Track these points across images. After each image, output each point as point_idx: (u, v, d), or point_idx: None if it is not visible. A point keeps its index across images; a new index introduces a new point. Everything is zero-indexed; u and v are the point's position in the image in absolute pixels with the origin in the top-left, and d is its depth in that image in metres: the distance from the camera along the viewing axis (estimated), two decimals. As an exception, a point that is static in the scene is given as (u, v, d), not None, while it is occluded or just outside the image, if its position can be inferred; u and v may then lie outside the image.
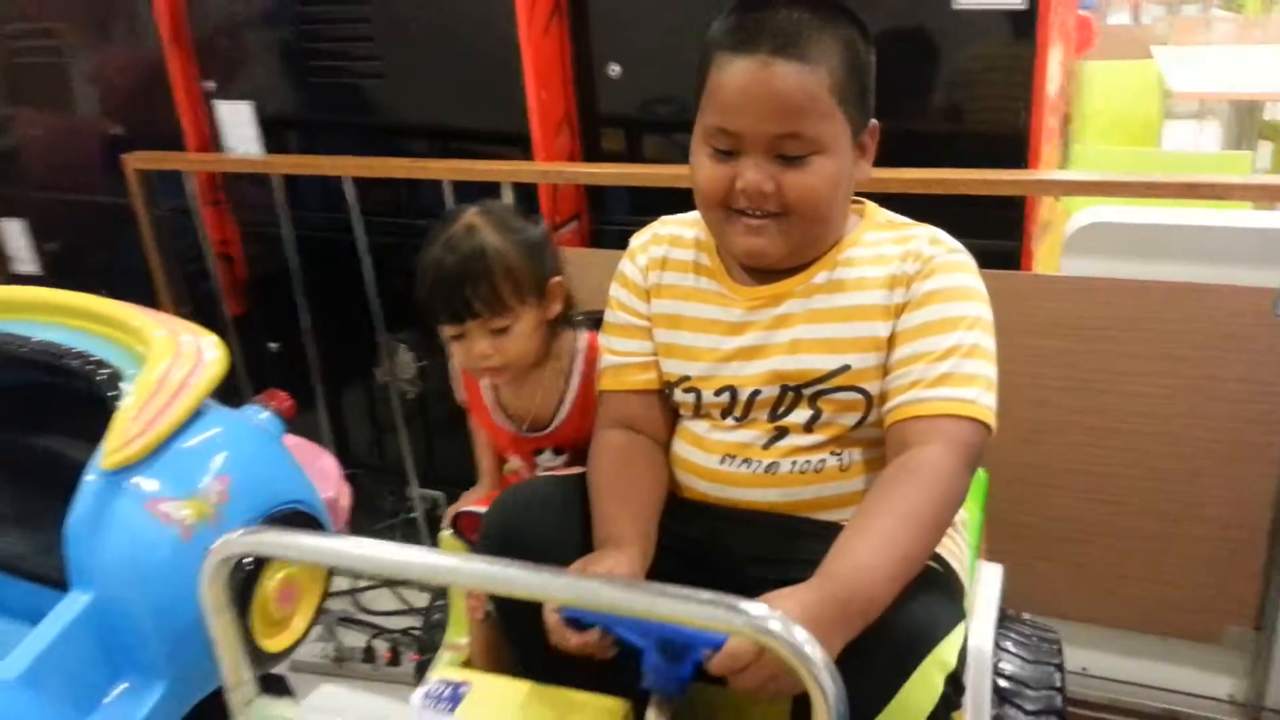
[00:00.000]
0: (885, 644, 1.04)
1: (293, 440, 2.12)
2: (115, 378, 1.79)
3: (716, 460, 1.27)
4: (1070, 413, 1.89)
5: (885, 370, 1.21)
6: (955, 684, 1.07)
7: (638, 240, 1.41)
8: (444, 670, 1.21)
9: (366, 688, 1.89)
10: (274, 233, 2.54)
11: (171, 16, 2.54)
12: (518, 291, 1.50)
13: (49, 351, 1.84)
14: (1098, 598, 1.99)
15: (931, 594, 1.10)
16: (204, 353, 1.85)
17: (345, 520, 2.16)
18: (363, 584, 2.70)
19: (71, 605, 1.65)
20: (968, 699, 1.38)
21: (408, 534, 2.64)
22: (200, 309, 2.71)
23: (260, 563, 1.84)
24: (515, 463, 1.73)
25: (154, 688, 1.70)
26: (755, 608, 0.82)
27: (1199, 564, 1.87)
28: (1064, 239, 1.88)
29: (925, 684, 1.04)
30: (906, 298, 1.21)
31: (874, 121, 1.25)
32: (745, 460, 1.25)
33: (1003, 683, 1.48)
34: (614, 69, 2.19)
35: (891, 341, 1.21)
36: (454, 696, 1.13)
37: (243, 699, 1.06)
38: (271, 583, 1.87)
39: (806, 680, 0.80)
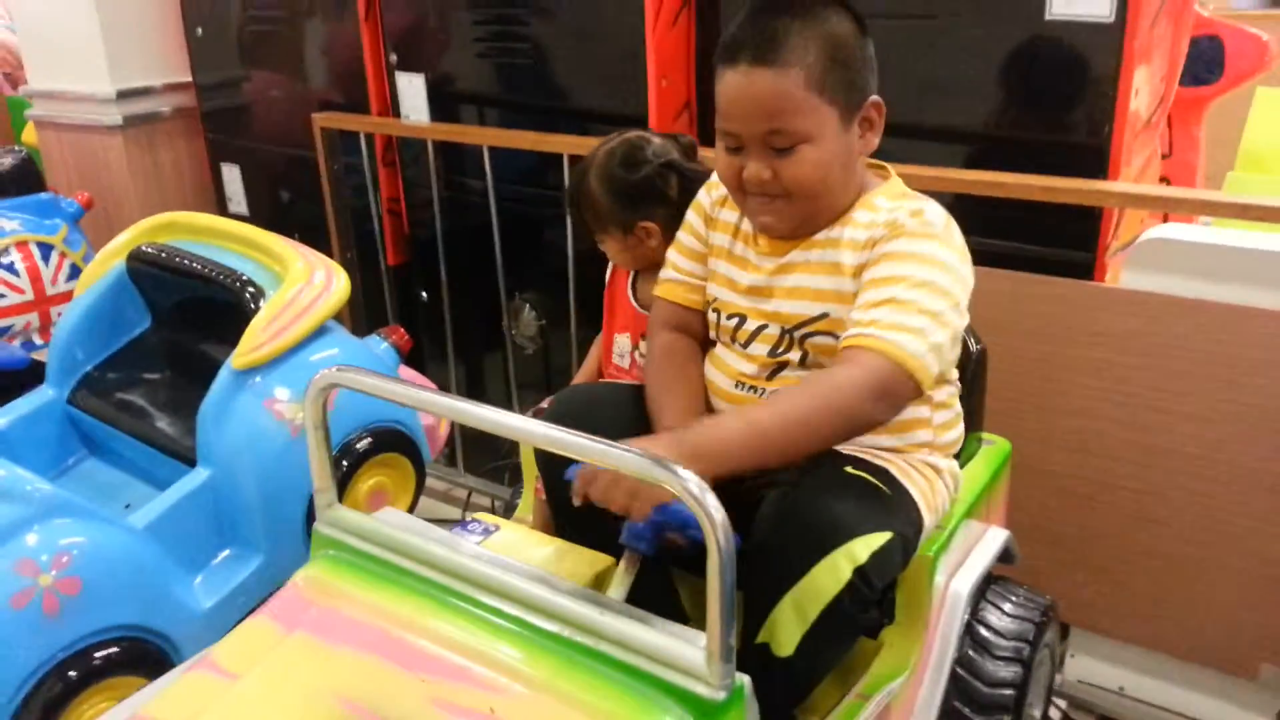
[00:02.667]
0: (803, 532, 1.22)
1: (406, 371, 2.41)
2: (257, 294, 2.11)
3: (731, 385, 1.44)
4: (1115, 426, 1.88)
5: None
6: (865, 579, 1.20)
7: (714, 178, 1.54)
8: (484, 515, 1.45)
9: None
10: (447, 191, 2.85)
11: (367, -5, 2.90)
12: (601, 226, 1.76)
13: (215, 268, 2.19)
14: (1136, 618, 1.96)
15: (860, 502, 1.26)
16: (331, 283, 2.15)
17: (441, 446, 2.43)
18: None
19: (194, 478, 1.99)
20: (936, 635, 1.50)
21: (515, 474, 2.89)
22: (364, 255, 3.07)
23: (354, 467, 2.13)
24: (623, 344, 1.89)
25: (252, 559, 2.02)
26: (667, 462, 0.99)
27: (1238, 596, 1.82)
28: (1127, 254, 1.88)
29: (832, 570, 1.20)
30: (869, 257, 1.33)
31: (874, 98, 1.36)
32: (752, 387, 1.42)
33: (980, 629, 1.57)
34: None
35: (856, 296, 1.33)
36: (485, 531, 1.39)
37: (325, 502, 1.33)
38: (365, 485, 2.17)
39: (701, 519, 0.97)
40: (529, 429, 1.11)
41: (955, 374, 1.50)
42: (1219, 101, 2.91)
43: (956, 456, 1.54)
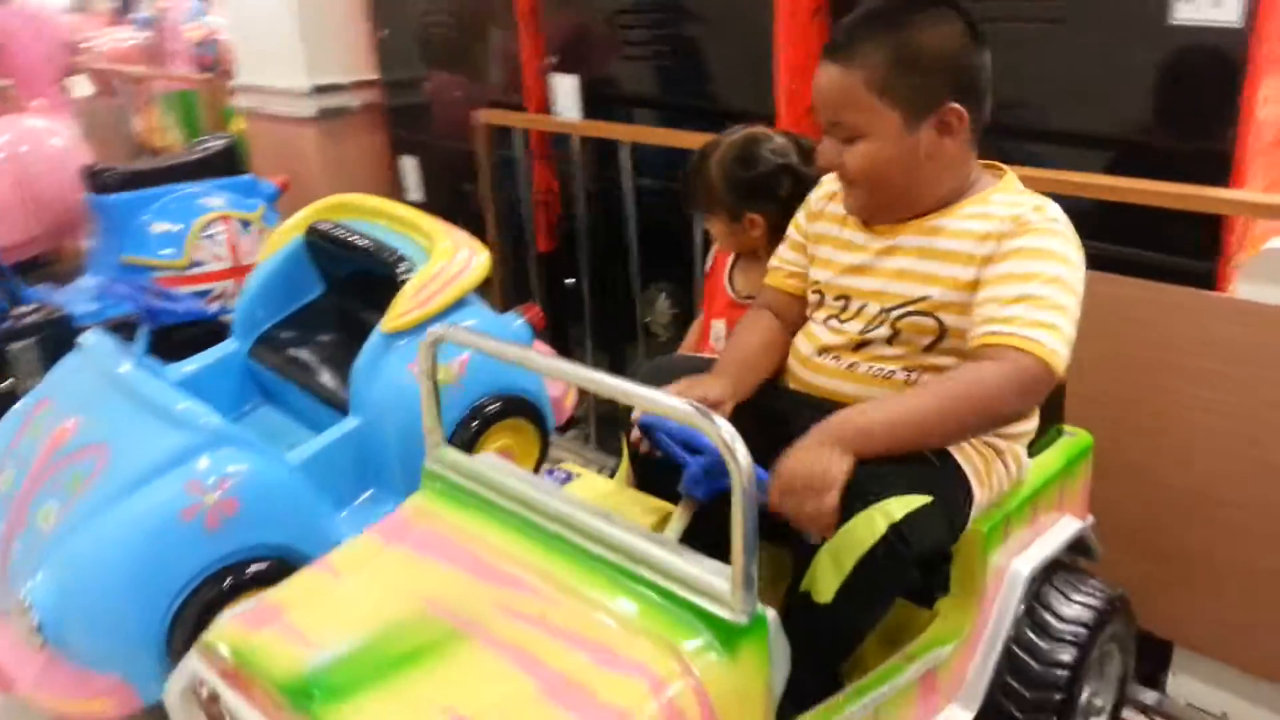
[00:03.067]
0: (848, 490, 1.30)
1: (541, 346, 2.61)
2: (408, 268, 2.35)
3: (815, 352, 1.54)
4: (1227, 439, 1.85)
5: (969, 308, 1.41)
6: (900, 536, 1.27)
7: (826, 177, 1.65)
8: (568, 464, 1.64)
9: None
10: (589, 187, 3.05)
11: (529, 3, 3.12)
12: (711, 208, 1.91)
13: (374, 243, 2.45)
14: (1239, 640, 1.92)
15: (902, 465, 1.33)
16: (473, 260, 2.37)
17: (566, 415, 2.62)
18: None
19: (344, 425, 2.24)
20: (993, 610, 1.56)
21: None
22: (517, 243, 3.29)
23: (483, 428, 2.34)
24: (719, 329, 2.03)
25: (391, 501, 2.24)
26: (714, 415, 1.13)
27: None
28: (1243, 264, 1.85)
29: (868, 523, 1.28)
30: (995, 250, 1.40)
31: (953, 105, 1.41)
32: (835, 356, 1.52)
33: (1040, 610, 1.60)
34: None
35: (976, 285, 1.41)
36: (566, 478, 1.58)
37: (434, 443, 1.53)
38: (492, 445, 2.37)
39: (729, 462, 1.10)
40: (590, 376, 1.27)
41: None
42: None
43: (1032, 445, 1.60)
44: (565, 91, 3.05)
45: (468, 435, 2.29)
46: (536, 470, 2.46)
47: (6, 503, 2.09)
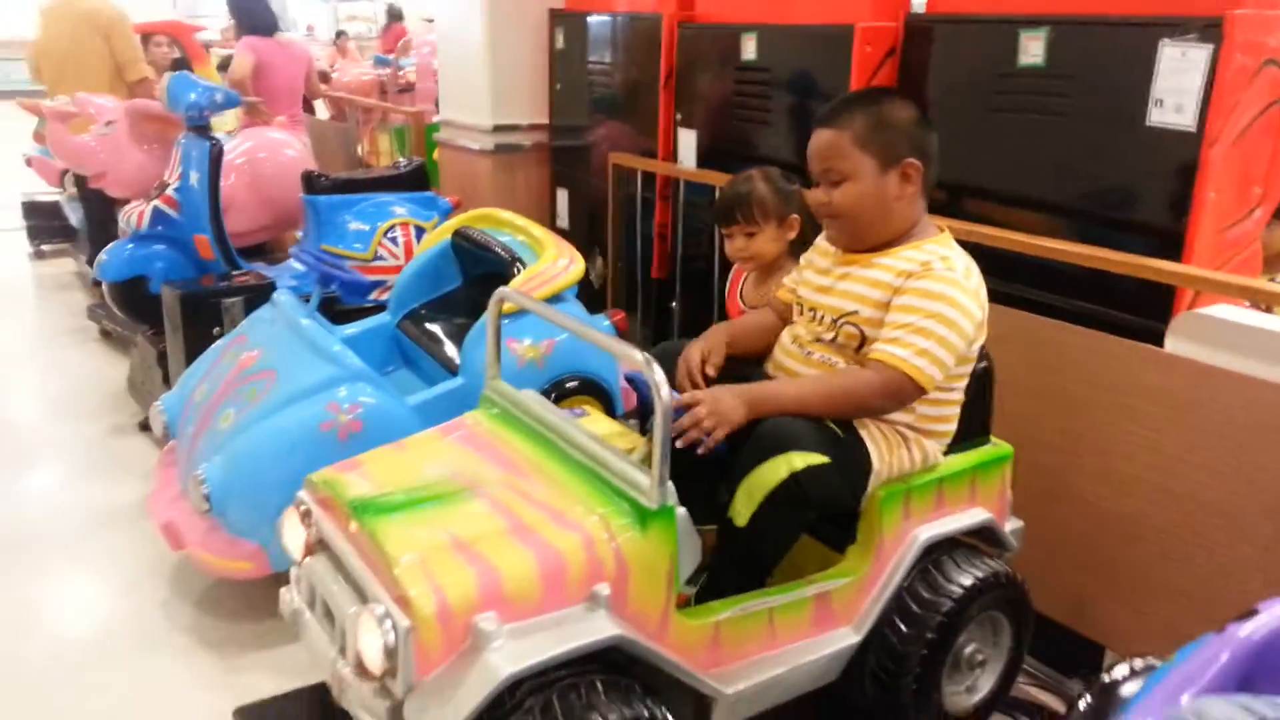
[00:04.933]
0: (762, 440, 1.76)
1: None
2: (520, 267, 2.95)
3: (789, 340, 2.04)
4: (1157, 473, 2.17)
5: (882, 325, 1.87)
6: (798, 483, 1.71)
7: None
8: (588, 406, 2.16)
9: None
10: (695, 225, 3.59)
11: (667, 65, 3.71)
12: (764, 213, 2.46)
13: (499, 245, 3.07)
14: (1158, 647, 2.20)
15: (812, 431, 1.77)
16: (570, 265, 2.94)
17: (633, 404, 3.13)
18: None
19: (453, 383, 2.84)
20: (891, 561, 1.96)
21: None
22: (630, 268, 3.86)
23: (557, 401, 2.88)
24: None
25: (479, 447, 2.82)
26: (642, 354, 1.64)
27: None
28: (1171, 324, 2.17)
29: (774, 468, 1.73)
30: (903, 285, 1.86)
31: (911, 160, 1.89)
32: (800, 345, 2.01)
33: (932, 570, 1.97)
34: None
35: (887, 310, 1.86)
36: (580, 414, 2.12)
37: (492, 375, 2.12)
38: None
39: (654, 396, 1.59)
40: (580, 327, 1.81)
41: (958, 383, 1.95)
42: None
43: (953, 445, 2.01)
44: (686, 143, 3.62)
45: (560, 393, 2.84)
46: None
47: (199, 409, 2.80)
